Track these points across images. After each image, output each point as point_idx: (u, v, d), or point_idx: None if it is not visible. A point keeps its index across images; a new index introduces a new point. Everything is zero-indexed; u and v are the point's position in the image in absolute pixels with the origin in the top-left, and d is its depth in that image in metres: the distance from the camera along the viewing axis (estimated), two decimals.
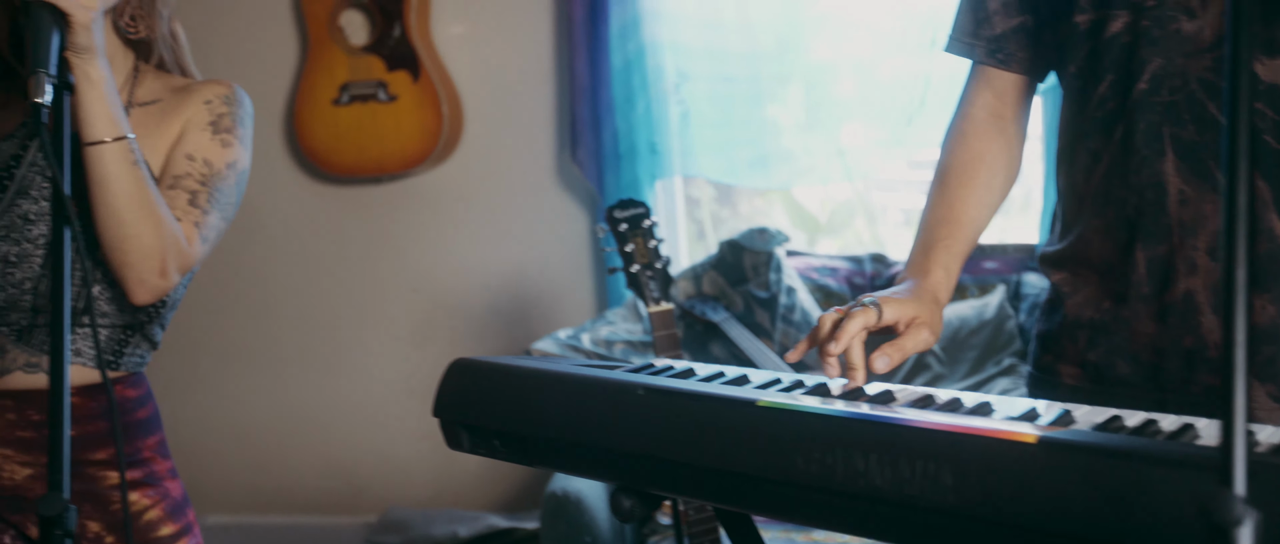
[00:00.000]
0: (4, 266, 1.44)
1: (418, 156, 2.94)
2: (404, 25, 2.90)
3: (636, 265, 1.98)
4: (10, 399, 1.47)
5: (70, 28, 1.28)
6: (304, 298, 3.16)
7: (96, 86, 1.33)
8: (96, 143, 1.34)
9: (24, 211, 1.46)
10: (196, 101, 1.52)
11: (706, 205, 3.17)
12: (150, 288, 1.41)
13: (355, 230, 3.11)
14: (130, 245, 1.38)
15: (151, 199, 1.39)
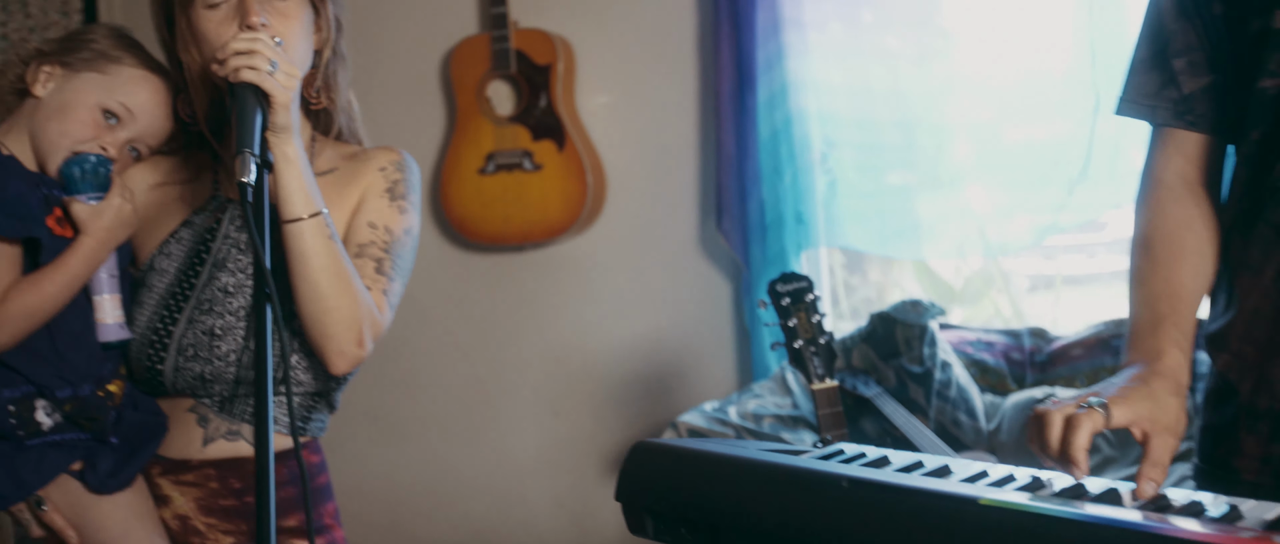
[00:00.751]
0: (210, 340, 1.47)
1: (561, 225, 2.95)
2: (550, 96, 2.93)
3: (800, 340, 1.93)
4: (213, 468, 1.50)
5: (271, 108, 1.31)
6: (448, 365, 3.18)
7: (293, 165, 1.36)
8: (295, 220, 1.37)
9: (223, 284, 1.49)
10: (372, 169, 1.55)
11: (837, 273, 3.10)
12: (349, 357, 1.43)
13: (499, 298, 3.13)
14: (330, 318, 1.40)
15: (347, 272, 1.41)
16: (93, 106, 1.46)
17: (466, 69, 2.98)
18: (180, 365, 1.47)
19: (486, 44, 2.94)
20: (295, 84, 1.34)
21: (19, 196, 1.39)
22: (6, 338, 1.38)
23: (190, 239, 1.53)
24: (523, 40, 2.92)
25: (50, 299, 1.39)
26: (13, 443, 1.40)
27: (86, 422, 1.43)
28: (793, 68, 2.75)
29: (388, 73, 3.12)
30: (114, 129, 1.47)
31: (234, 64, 1.30)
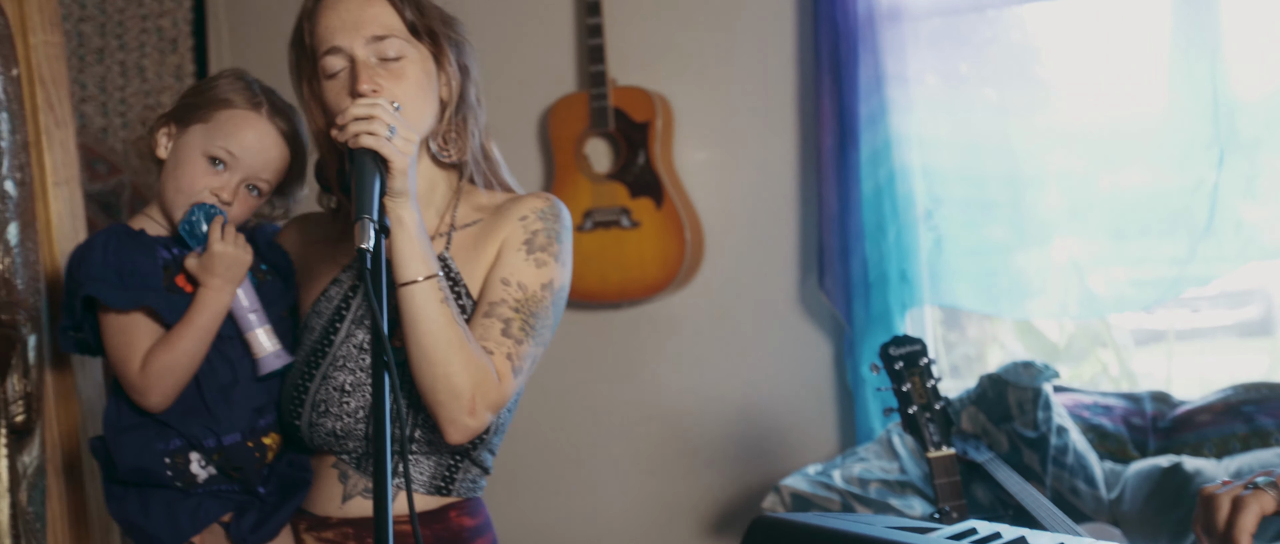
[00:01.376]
0: (340, 395, 1.47)
1: (660, 282, 2.93)
2: (648, 153, 2.92)
3: (914, 406, 1.87)
4: (350, 526, 1.49)
5: (389, 172, 1.31)
6: (544, 421, 3.16)
7: (408, 229, 1.35)
8: (409, 283, 1.36)
9: (359, 341, 1.49)
10: (512, 220, 1.51)
11: (935, 330, 3.02)
12: (461, 428, 1.40)
13: (595, 355, 3.11)
14: (440, 385, 1.37)
15: (460, 337, 1.38)
16: (198, 155, 1.48)
17: (565, 126, 3.00)
18: (314, 421, 1.48)
19: (585, 102, 2.95)
20: (412, 148, 1.33)
21: (134, 268, 1.43)
22: (157, 398, 1.42)
23: (336, 296, 1.53)
24: (621, 98, 2.93)
25: (185, 354, 1.42)
26: (175, 491, 1.45)
27: (233, 471, 1.46)
28: (896, 123, 2.70)
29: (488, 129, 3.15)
30: (222, 174, 1.48)
31: (352, 130, 1.30)
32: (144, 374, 1.41)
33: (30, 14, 1.53)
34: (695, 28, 2.98)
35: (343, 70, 1.43)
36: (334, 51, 1.43)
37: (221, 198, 1.48)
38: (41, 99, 1.54)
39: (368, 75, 1.41)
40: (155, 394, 1.42)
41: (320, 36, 1.44)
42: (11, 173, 1.48)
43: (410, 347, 1.38)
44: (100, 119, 3.08)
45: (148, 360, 1.42)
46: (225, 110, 1.50)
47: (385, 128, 1.30)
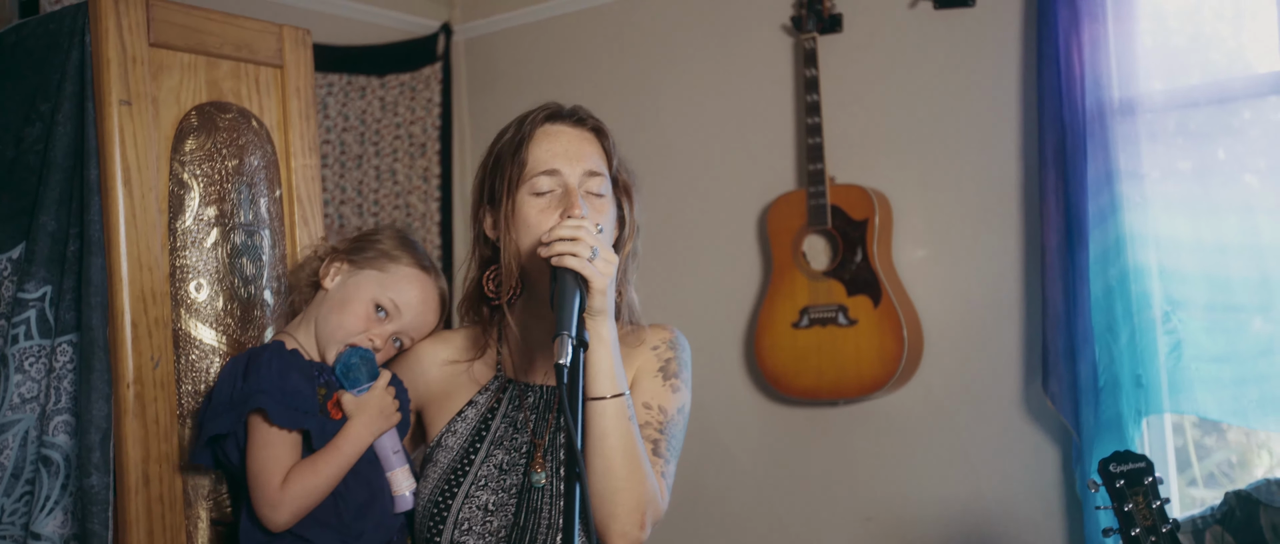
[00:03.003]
0: (484, 515, 1.53)
1: (876, 381, 2.89)
2: (866, 251, 2.91)
3: (1137, 528, 1.76)
4: None
5: (589, 292, 1.38)
6: (759, 516, 3.16)
7: (606, 345, 1.42)
8: (599, 398, 1.42)
9: (499, 462, 1.55)
10: (645, 349, 1.60)
11: (1188, 433, 2.81)
12: (630, 540, 1.44)
13: (810, 452, 3.10)
14: (619, 499, 1.42)
15: (639, 455, 1.44)
16: (368, 301, 1.59)
17: (783, 223, 3.03)
18: (455, 539, 1.53)
19: (803, 199, 2.98)
20: (612, 270, 1.40)
21: (297, 390, 1.52)
22: (287, 516, 1.48)
23: (474, 417, 1.60)
24: (839, 196, 2.94)
25: (325, 479, 1.50)
26: None
27: None
28: (1129, 220, 2.58)
29: (708, 225, 3.23)
30: (383, 322, 1.59)
31: (558, 249, 1.38)
32: (283, 491, 1.48)
33: (293, 141, 1.73)
34: (915, 125, 2.96)
35: (551, 193, 1.53)
36: (551, 174, 1.53)
37: (375, 344, 1.58)
38: (298, 215, 1.73)
39: (580, 201, 1.50)
40: (287, 512, 1.48)
41: (539, 158, 1.54)
42: (269, 283, 1.67)
43: (594, 460, 1.43)
44: (356, 219, 3.38)
45: (289, 479, 1.49)
46: (400, 266, 1.62)
47: (588, 250, 1.37)
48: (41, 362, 1.57)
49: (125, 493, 1.48)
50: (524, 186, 1.54)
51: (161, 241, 1.56)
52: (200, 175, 1.61)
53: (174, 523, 1.53)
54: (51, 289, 1.57)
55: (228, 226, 1.63)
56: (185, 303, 1.58)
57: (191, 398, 1.58)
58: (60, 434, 1.54)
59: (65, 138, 1.55)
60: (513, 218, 1.55)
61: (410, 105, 3.52)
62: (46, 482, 1.53)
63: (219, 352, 1.60)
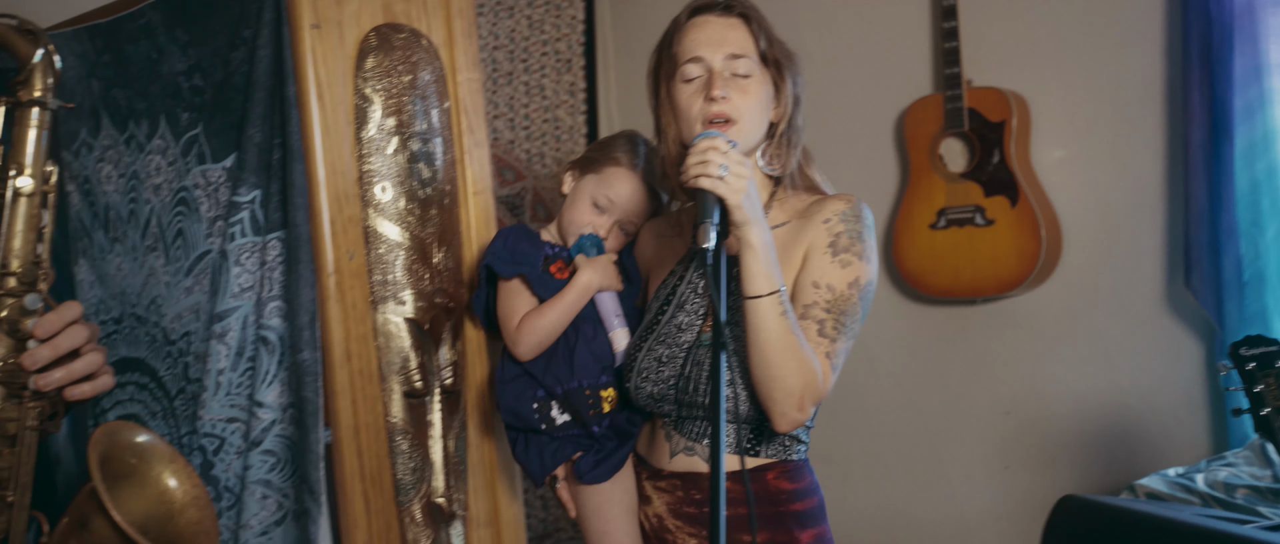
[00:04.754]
0: (657, 366, 1.72)
1: (1014, 280, 2.94)
2: (1003, 152, 2.94)
3: (1267, 408, 1.81)
4: (677, 479, 1.74)
5: (728, 206, 1.49)
6: (898, 412, 3.27)
7: (754, 251, 1.53)
8: (754, 297, 1.55)
9: (678, 322, 1.74)
10: (816, 223, 1.67)
11: None
12: (790, 420, 1.60)
13: (949, 349, 3.18)
14: (775, 386, 1.57)
15: (796, 344, 1.56)
16: (588, 199, 1.86)
17: (919, 127, 3.09)
18: (638, 384, 1.74)
19: (939, 103, 3.03)
20: (743, 183, 1.48)
21: (521, 251, 1.82)
22: (525, 350, 1.79)
23: (670, 283, 1.80)
24: (976, 98, 2.98)
25: (552, 322, 1.78)
26: (541, 435, 1.80)
27: (573, 413, 1.78)
28: (1277, 115, 2.55)
29: (844, 131, 3.31)
30: (601, 215, 1.85)
31: (692, 173, 1.49)
32: (519, 329, 1.77)
33: (458, 56, 1.90)
34: (1054, 24, 2.96)
35: (698, 78, 1.67)
36: (695, 61, 1.67)
37: (599, 232, 1.85)
38: (464, 125, 1.91)
39: (721, 83, 1.64)
40: (524, 346, 1.78)
41: (685, 47, 1.69)
42: (443, 185, 1.86)
43: (751, 351, 1.57)
44: (508, 133, 3.58)
45: (523, 320, 1.78)
46: (612, 167, 1.86)
47: (717, 168, 1.46)
48: (255, 256, 1.80)
49: (331, 366, 1.71)
50: (676, 76, 1.68)
51: (350, 149, 1.76)
52: (380, 90, 1.80)
53: (371, 393, 1.76)
54: (260, 193, 1.79)
55: (405, 136, 1.82)
56: (372, 203, 1.78)
57: (381, 287, 1.79)
58: (274, 318, 1.78)
59: (266, 59, 1.76)
60: (668, 106, 1.70)
61: (556, 22, 3.68)
62: (265, 359, 1.78)
63: (403, 245, 1.81)
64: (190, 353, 1.95)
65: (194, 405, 1.91)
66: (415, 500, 1.80)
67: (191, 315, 1.95)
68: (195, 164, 1.92)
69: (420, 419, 1.81)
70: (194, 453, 1.88)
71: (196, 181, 1.92)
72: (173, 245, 1.98)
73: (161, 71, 1.95)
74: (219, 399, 1.85)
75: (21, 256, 1.29)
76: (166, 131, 1.97)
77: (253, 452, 1.81)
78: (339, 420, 1.72)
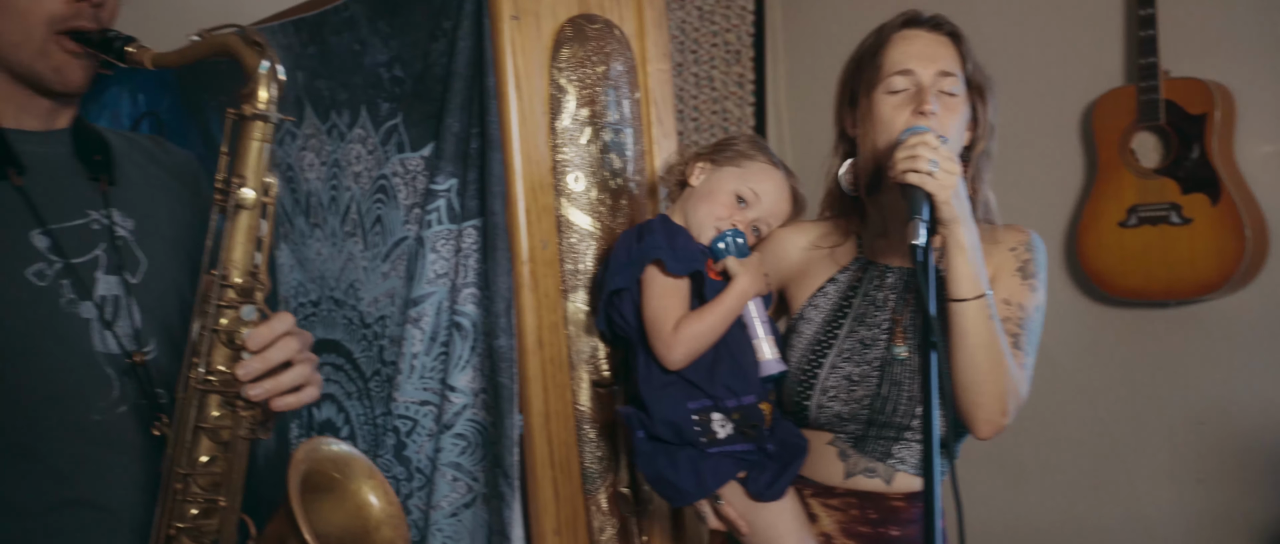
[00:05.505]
0: (849, 385, 1.68)
1: (1213, 282, 2.78)
2: (1204, 146, 2.78)
3: None
4: (854, 497, 1.71)
5: (935, 203, 1.46)
6: (1079, 417, 3.14)
7: (963, 251, 1.50)
8: (960, 300, 1.52)
9: (861, 337, 1.70)
10: (1002, 249, 1.68)
11: None
12: (995, 426, 1.57)
13: (1135, 353, 3.03)
14: (981, 390, 1.53)
15: (1001, 349, 1.53)
16: (730, 192, 1.77)
17: (1110, 120, 2.95)
18: (822, 403, 1.69)
19: (1133, 95, 2.88)
20: (954, 180, 1.46)
21: (686, 246, 1.73)
22: (680, 356, 1.68)
23: (835, 293, 1.76)
24: (1174, 90, 2.82)
25: (709, 326, 1.68)
26: (698, 450, 1.70)
27: (749, 429, 1.70)
28: None
29: (1026, 124, 3.19)
30: (743, 210, 1.77)
31: (901, 167, 1.47)
32: (675, 333, 1.67)
33: (649, 47, 1.91)
34: (1260, 11, 2.78)
35: (906, 92, 1.63)
36: (904, 73, 1.64)
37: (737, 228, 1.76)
38: (654, 116, 1.92)
39: (932, 98, 1.60)
40: (680, 352, 1.67)
41: (894, 58, 1.66)
42: (633, 177, 1.87)
43: (957, 354, 1.54)
44: (678, 124, 3.59)
45: (680, 324, 1.67)
46: (756, 162, 1.79)
47: (927, 163, 1.44)
48: (450, 243, 1.84)
49: (524, 353, 1.74)
50: (880, 87, 1.65)
51: (545, 139, 1.78)
52: (574, 80, 1.82)
53: (561, 381, 1.78)
54: (457, 182, 1.83)
55: (598, 126, 1.84)
56: (565, 193, 1.80)
57: (572, 276, 1.81)
58: (468, 304, 1.81)
59: (465, 51, 1.80)
60: (869, 116, 1.67)
61: (725, 14, 3.66)
62: (459, 344, 1.82)
63: (594, 235, 1.82)
64: (385, 336, 2.01)
65: (388, 387, 1.97)
66: (602, 489, 1.82)
67: (387, 300, 2.01)
68: (394, 152, 1.98)
69: (607, 409, 1.83)
70: (387, 433, 1.94)
71: (395, 169, 1.97)
72: (371, 231, 2.05)
73: (363, 63, 2.02)
74: (413, 382, 1.90)
75: (241, 267, 1.31)
76: (367, 121, 2.04)
77: (444, 435, 1.86)
78: (531, 407, 1.75)
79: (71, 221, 1.40)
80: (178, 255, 1.52)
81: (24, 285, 1.34)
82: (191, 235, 1.55)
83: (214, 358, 1.30)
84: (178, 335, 1.49)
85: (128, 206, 1.47)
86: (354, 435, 2.07)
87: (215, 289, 1.30)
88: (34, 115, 1.42)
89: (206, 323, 1.30)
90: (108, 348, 1.39)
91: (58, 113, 1.44)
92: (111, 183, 1.46)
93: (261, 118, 1.31)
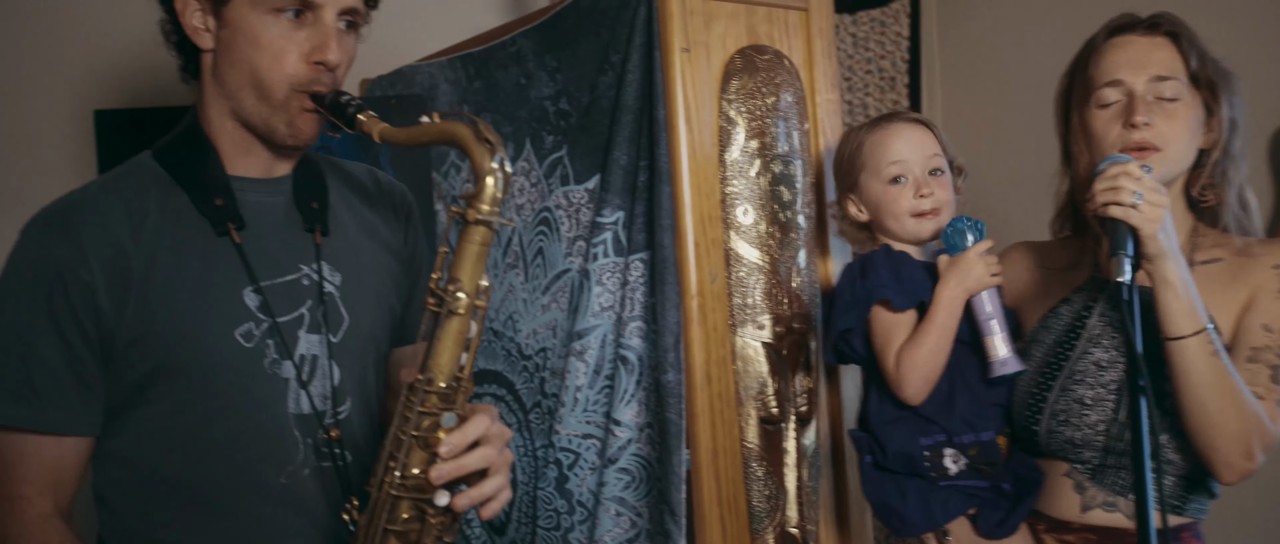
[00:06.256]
0: (1080, 408, 1.58)
1: None
2: None
3: None
4: (1092, 533, 1.60)
5: (1140, 238, 1.37)
6: None
7: (1172, 287, 1.40)
8: (1177, 338, 1.41)
9: (1096, 359, 1.59)
10: (1264, 266, 1.53)
11: None
12: (1237, 470, 1.44)
13: None
14: (1215, 432, 1.42)
15: (1233, 386, 1.41)
16: (883, 187, 1.71)
17: None
18: (1052, 429, 1.60)
19: None
20: (1161, 213, 1.36)
21: (910, 277, 1.66)
22: (909, 391, 1.62)
23: (1068, 315, 1.65)
24: None
25: (927, 349, 1.61)
26: (927, 482, 1.65)
27: (986, 466, 1.63)
28: None
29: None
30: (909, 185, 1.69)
31: (1100, 200, 1.38)
32: (897, 368, 1.62)
33: (817, 77, 1.87)
34: None
35: (1118, 103, 1.54)
36: (1114, 84, 1.55)
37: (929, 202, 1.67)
38: (823, 147, 1.88)
39: (1143, 109, 1.50)
40: (909, 388, 1.61)
41: (1103, 69, 1.56)
42: (803, 209, 1.83)
43: (1182, 396, 1.43)
44: None
45: (900, 357, 1.62)
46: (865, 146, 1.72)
47: (1130, 195, 1.35)
48: (616, 276, 1.84)
49: (692, 388, 1.71)
50: (1091, 101, 1.57)
51: (714, 171, 1.76)
52: (744, 112, 1.79)
53: (729, 418, 1.75)
54: (624, 214, 1.83)
55: (767, 158, 1.80)
56: (733, 225, 1.77)
57: (740, 310, 1.77)
58: (634, 338, 1.80)
59: (634, 84, 1.79)
60: (1082, 133, 1.58)
61: (880, 40, 3.59)
62: (624, 377, 1.81)
63: (762, 268, 1.79)
64: (546, 368, 2.01)
65: (550, 419, 1.97)
66: (769, 528, 1.77)
67: (547, 332, 2.02)
68: (558, 185, 1.99)
69: (775, 446, 1.78)
70: (549, 465, 1.93)
71: (559, 202, 1.98)
72: (532, 263, 2.06)
73: (529, 96, 2.04)
74: (576, 415, 1.89)
75: (447, 373, 1.27)
76: (531, 154, 2.06)
77: (608, 469, 1.84)
78: (698, 443, 1.72)
79: (283, 277, 1.41)
80: (380, 309, 1.52)
81: (233, 347, 1.36)
82: (394, 286, 1.56)
83: (411, 460, 1.27)
84: (372, 394, 1.51)
85: (337, 259, 1.47)
86: (514, 467, 2.08)
87: (418, 394, 1.26)
88: (259, 162, 1.44)
89: (407, 428, 1.27)
90: (300, 408, 1.40)
91: (279, 161, 1.46)
92: (324, 233, 1.47)
93: (485, 223, 1.26)
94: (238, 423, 1.36)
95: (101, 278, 1.30)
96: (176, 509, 1.37)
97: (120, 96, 2.61)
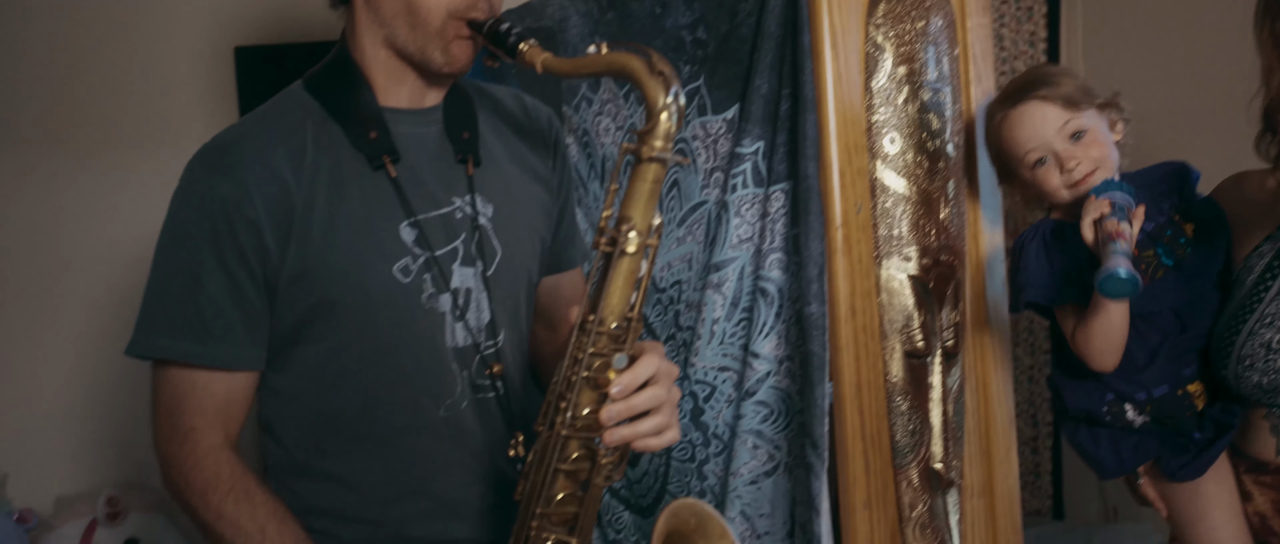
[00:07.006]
0: (1266, 352, 1.52)
1: None
2: None
3: None
4: None
5: None
6: None
7: None
8: None
9: None
10: None
11: None
12: None
13: None
14: None
15: None
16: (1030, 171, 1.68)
17: None
18: (1239, 373, 1.54)
19: None
20: None
21: (1061, 269, 1.64)
22: (1095, 364, 1.60)
23: (1269, 252, 1.56)
24: None
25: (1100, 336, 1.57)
26: (1119, 429, 1.66)
27: (1166, 420, 1.61)
28: None
29: None
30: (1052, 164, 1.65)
31: None
32: (1078, 347, 1.60)
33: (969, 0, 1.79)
34: None
35: None
36: None
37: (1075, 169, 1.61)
38: (973, 73, 1.80)
39: None
40: (1092, 363, 1.60)
41: None
42: (952, 138, 1.77)
43: None
44: None
45: (1076, 337, 1.61)
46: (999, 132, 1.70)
47: None
48: (756, 207, 1.80)
49: (836, 321, 1.68)
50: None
51: (860, 99, 1.71)
52: (892, 37, 1.73)
53: (873, 351, 1.71)
54: (764, 144, 1.79)
55: (916, 84, 1.74)
56: (880, 155, 1.72)
57: (886, 241, 1.73)
58: (774, 270, 1.77)
59: (777, 9, 1.74)
60: (1269, 46, 1.49)
61: None
62: (763, 310, 1.78)
63: (909, 199, 1.74)
64: (681, 301, 2.00)
65: (685, 352, 1.96)
66: (913, 464, 1.74)
67: (683, 264, 2.00)
68: (695, 116, 1.95)
69: (920, 381, 1.74)
70: (685, 398, 1.93)
71: (695, 133, 1.95)
72: (667, 196, 2.04)
73: (664, 26, 2.00)
74: (712, 348, 1.88)
75: (617, 313, 1.25)
76: None
77: (746, 402, 1.83)
78: (841, 377, 1.69)
79: (438, 210, 1.41)
80: (531, 240, 1.52)
81: (392, 283, 1.36)
82: (544, 216, 1.55)
83: (581, 400, 1.26)
84: (523, 325, 1.51)
85: (489, 190, 1.46)
86: None
87: (590, 335, 1.25)
88: (410, 91, 1.42)
89: (578, 369, 1.26)
90: (457, 341, 1.41)
91: (431, 90, 1.44)
92: (477, 163, 1.45)
93: (658, 160, 1.23)
94: (398, 358, 1.37)
95: (266, 217, 1.31)
96: (340, 442, 1.40)
97: (261, 32, 2.66)
